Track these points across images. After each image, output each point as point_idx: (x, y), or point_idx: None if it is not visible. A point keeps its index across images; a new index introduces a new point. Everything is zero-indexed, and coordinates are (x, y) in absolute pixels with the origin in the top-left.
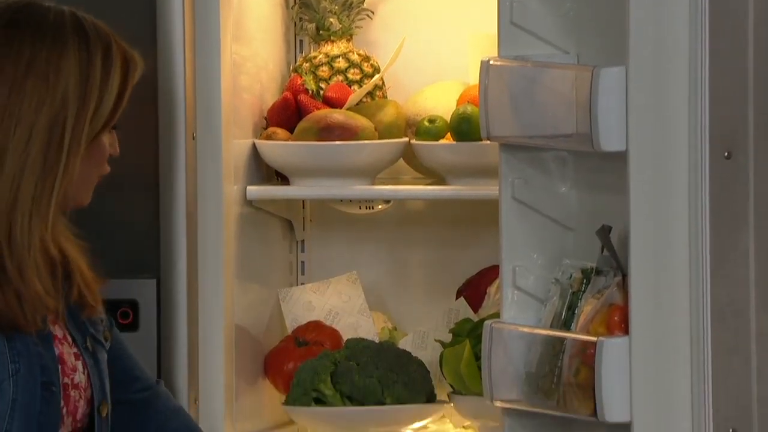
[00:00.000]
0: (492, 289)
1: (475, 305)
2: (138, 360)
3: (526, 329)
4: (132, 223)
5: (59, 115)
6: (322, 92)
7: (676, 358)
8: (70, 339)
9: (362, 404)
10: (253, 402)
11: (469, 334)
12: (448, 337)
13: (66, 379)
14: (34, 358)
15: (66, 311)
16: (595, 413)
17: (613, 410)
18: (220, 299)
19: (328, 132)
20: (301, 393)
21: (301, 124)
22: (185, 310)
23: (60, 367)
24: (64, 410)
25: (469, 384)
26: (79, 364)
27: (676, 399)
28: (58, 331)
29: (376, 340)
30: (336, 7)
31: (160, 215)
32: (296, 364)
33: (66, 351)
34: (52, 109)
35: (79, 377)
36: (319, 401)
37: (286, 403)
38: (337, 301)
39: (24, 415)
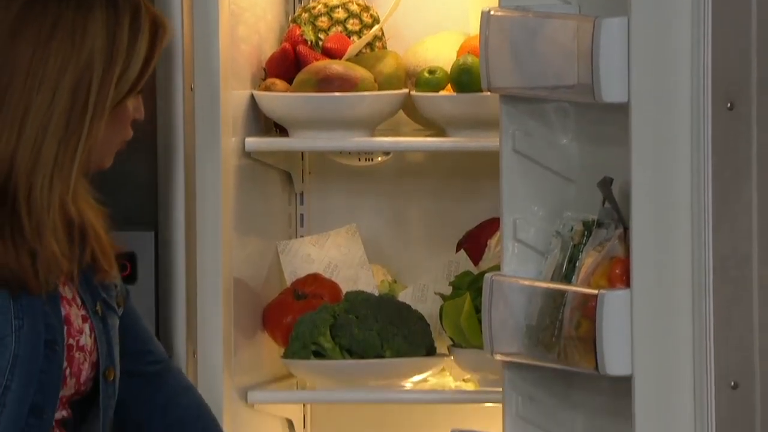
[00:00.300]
0: (492, 242)
1: (476, 258)
2: (152, 333)
3: (526, 282)
4: (130, 175)
5: (84, 78)
6: (321, 43)
7: (677, 311)
8: (79, 301)
9: (362, 357)
10: (251, 355)
11: (469, 286)
12: (448, 290)
13: (71, 340)
14: (39, 316)
15: (79, 273)
16: (595, 366)
17: (613, 363)
18: (219, 252)
19: (327, 83)
20: (300, 346)
21: (300, 76)
22: (183, 263)
23: (66, 327)
24: (68, 371)
25: (469, 337)
26: (86, 327)
27: (677, 352)
28: (67, 292)
29: (376, 293)
30: None
31: (157, 167)
32: (295, 317)
33: (74, 313)
34: (77, 71)
35: (85, 340)
36: (318, 354)
37: (285, 356)
38: (337, 254)
39: (25, 371)
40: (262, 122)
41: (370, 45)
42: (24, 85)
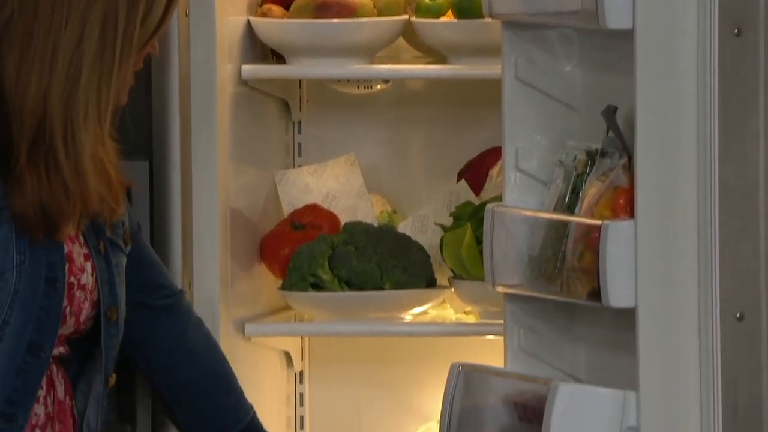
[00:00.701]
0: (494, 172)
1: (477, 188)
2: (164, 267)
3: (528, 213)
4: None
5: (110, 14)
6: None
7: (682, 242)
8: (82, 239)
9: (361, 289)
10: (248, 287)
11: (470, 217)
12: (448, 221)
13: (72, 279)
14: (41, 252)
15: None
16: (599, 298)
17: (617, 295)
18: (215, 181)
19: (325, 9)
20: (298, 278)
21: (297, 1)
22: (179, 193)
23: (67, 265)
24: (68, 309)
25: (470, 268)
26: (88, 266)
27: (682, 283)
28: (70, 230)
29: (375, 224)
30: None
31: (152, 95)
32: (293, 249)
33: (76, 251)
34: (103, 6)
35: (87, 278)
36: (317, 286)
37: (283, 288)
38: (335, 184)
39: (24, 307)
40: (259, 49)
41: None
42: (51, 20)
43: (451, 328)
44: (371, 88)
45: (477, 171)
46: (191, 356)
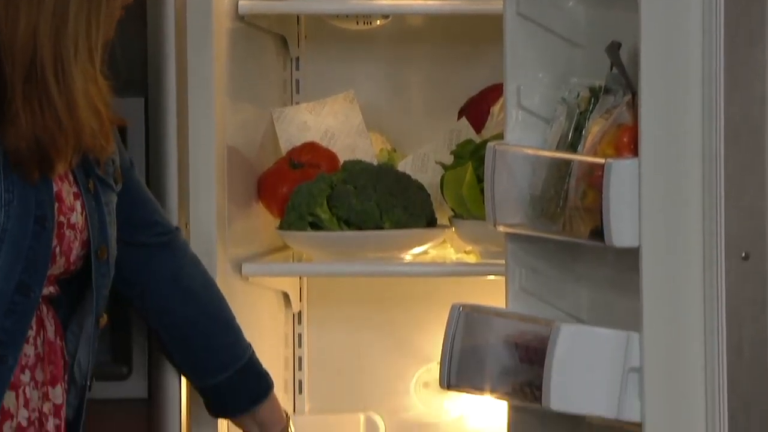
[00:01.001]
0: (495, 109)
1: (478, 126)
2: (158, 204)
3: (530, 151)
4: (118, 39)
5: None
6: None
7: (686, 180)
8: (71, 178)
9: (360, 229)
10: (246, 226)
11: (471, 155)
12: (449, 159)
13: (62, 218)
14: (30, 191)
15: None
16: (601, 238)
17: (620, 234)
18: (211, 119)
19: None
20: (297, 217)
21: None
22: (174, 131)
23: (57, 204)
24: (57, 249)
25: (471, 208)
26: (78, 205)
27: (686, 222)
28: (59, 169)
29: (375, 163)
30: None
31: (147, 30)
32: (291, 187)
33: (65, 189)
34: None
35: (76, 218)
36: (315, 226)
37: (281, 227)
38: (334, 122)
39: (13, 247)
40: None
41: None
42: None
43: (452, 268)
44: (370, 23)
45: (478, 108)
46: (187, 294)
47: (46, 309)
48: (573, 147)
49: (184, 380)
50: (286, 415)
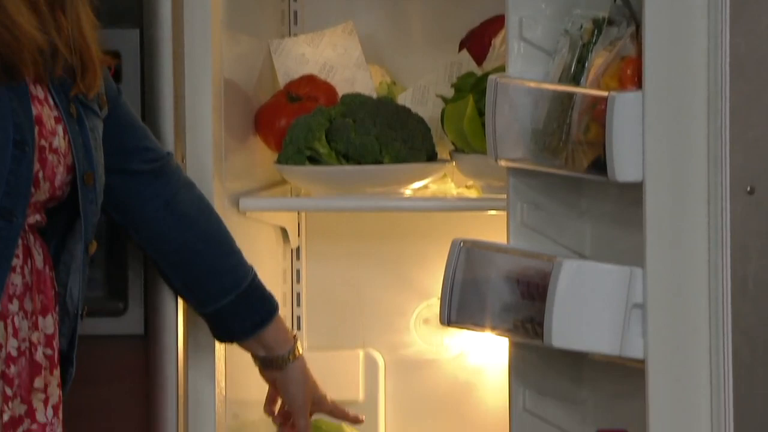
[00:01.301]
0: (497, 41)
1: (479, 58)
2: (148, 131)
3: (532, 84)
4: None
5: None
6: None
7: (691, 113)
8: (51, 102)
9: (359, 163)
10: (243, 160)
11: (472, 88)
12: (450, 92)
13: (43, 142)
14: (8, 115)
15: (53, 78)
16: (604, 172)
17: (624, 169)
18: (208, 50)
19: None
20: (294, 151)
21: None
22: (170, 62)
23: (37, 128)
24: (40, 174)
25: (471, 142)
26: (60, 129)
27: (690, 156)
28: (39, 92)
29: (374, 96)
30: None
31: None
32: (289, 121)
33: (45, 113)
34: None
35: (59, 142)
36: (314, 160)
37: (279, 161)
38: (332, 54)
39: None
40: None
41: None
42: None
43: (453, 203)
44: None
45: (479, 40)
46: (184, 220)
47: (34, 238)
48: (576, 80)
49: (181, 315)
50: (294, 336)
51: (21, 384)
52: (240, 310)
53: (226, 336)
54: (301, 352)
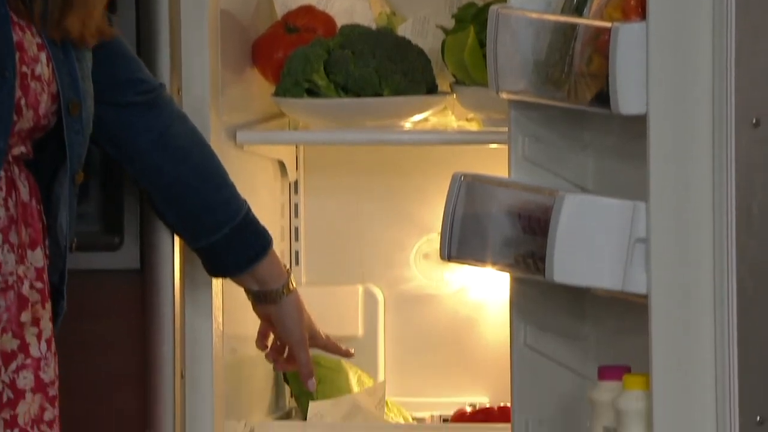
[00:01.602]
0: None
1: None
2: (141, 62)
3: (534, 15)
4: None
5: None
6: None
7: (697, 43)
8: (34, 28)
9: (358, 95)
10: (240, 93)
11: (473, 19)
12: (450, 23)
13: (24, 68)
14: None
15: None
16: (608, 105)
17: (627, 101)
18: None
19: None
20: (292, 83)
21: None
22: None
23: (18, 54)
24: (22, 101)
25: (472, 73)
26: (43, 56)
27: (696, 87)
28: (20, 19)
29: (373, 27)
30: None
31: None
32: (287, 53)
33: (27, 39)
34: None
35: (41, 69)
36: (312, 92)
37: (276, 94)
38: None
39: None
40: None
41: None
42: None
43: (453, 136)
44: None
45: None
46: (177, 152)
47: (19, 170)
48: (578, 11)
49: (177, 249)
50: (287, 270)
51: (11, 318)
52: (234, 244)
53: (219, 271)
54: (294, 286)
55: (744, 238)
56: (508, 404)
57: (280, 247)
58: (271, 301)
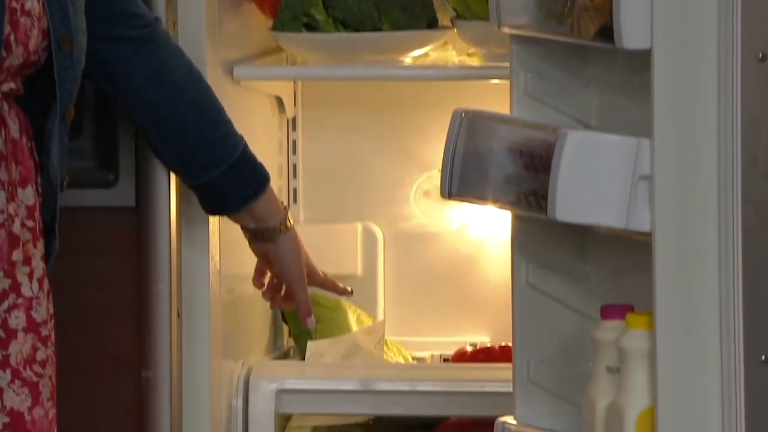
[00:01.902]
0: None
1: None
2: None
3: None
4: None
5: None
6: None
7: None
8: None
9: (357, 30)
10: (237, 27)
11: None
12: None
13: (14, 4)
14: None
15: None
16: (611, 39)
17: (631, 35)
18: None
19: None
20: (290, 17)
21: None
22: None
23: None
24: (12, 37)
25: (473, 7)
26: None
27: (701, 21)
28: None
29: None
30: None
31: None
32: None
33: None
34: None
35: (31, 4)
36: (310, 27)
37: (274, 28)
38: None
39: None
40: None
41: None
42: None
43: (454, 72)
44: None
45: None
46: (173, 87)
47: (8, 107)
48: None
49: (173, 186)
50: (284, 207)
51: (2, 257)
52: (231, 181)
53: (216, 208)
54: (292, 223)
55: (749, 175)
56: (509, 344)
57: (278, 184)
58: (269, 238)
